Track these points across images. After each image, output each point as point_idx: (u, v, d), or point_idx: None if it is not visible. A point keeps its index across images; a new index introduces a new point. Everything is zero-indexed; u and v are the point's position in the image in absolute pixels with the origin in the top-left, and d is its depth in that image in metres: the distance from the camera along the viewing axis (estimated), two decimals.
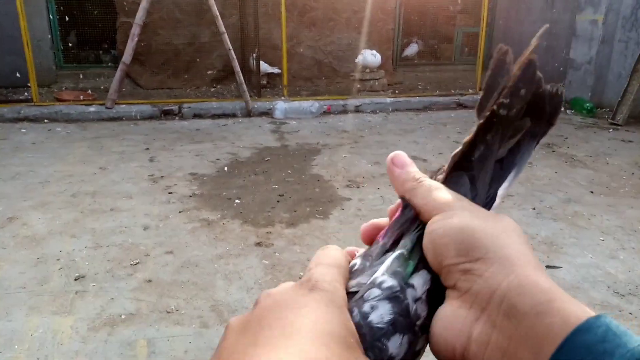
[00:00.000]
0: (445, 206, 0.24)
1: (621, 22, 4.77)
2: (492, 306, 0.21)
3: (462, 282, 0.23)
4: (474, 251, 0.23)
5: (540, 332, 0.19)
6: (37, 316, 1.59)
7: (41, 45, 4.93)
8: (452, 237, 0.23)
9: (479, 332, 0.21)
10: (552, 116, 0.26)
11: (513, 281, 0.21)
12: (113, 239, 2.12)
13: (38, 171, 2.98)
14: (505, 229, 0.23)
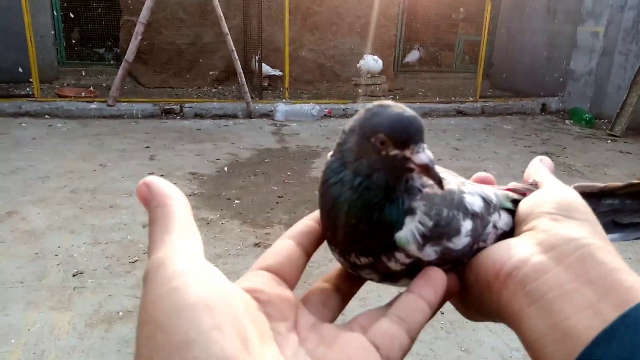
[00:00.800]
0: (565, 186, 0.26)
1: (622, 35, 4.83)
2: (567, 247, 0.21)
3: (544, 223, 0.22)
4: (574, 212, 0.23)
5: (611, 282, 0.19)
6: (35, 311, 1.59)
7: (44, 41, 4.93)
8: (561, 197, 0.24)
9: (539, 261, 0.21)
10: None
11: (597, 243, 0.21)
12: (112, 236, 2.12)
13: (38, 166, 2.98)
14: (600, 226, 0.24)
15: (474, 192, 0.25)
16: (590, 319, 0.19)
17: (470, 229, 0.24)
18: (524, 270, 0.21)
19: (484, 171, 0.32)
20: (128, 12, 5.29)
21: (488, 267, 0.23)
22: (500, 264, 0.22)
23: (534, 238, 0.23)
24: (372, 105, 0.23)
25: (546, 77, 5.53)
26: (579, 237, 0.21)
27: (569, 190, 0.25)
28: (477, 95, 5.43)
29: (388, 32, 5.98)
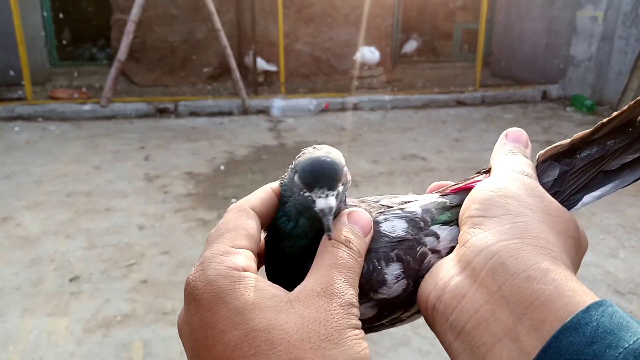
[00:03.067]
0: (505, 170, 0.24)
1: (621, 19, 4.74)
2: (479, 260, 0.20)
3: (465, 234, 0.22)
4: (494, 209, 0.22)
5: (526, 297, 0.18)
6: (32, 317, 1.57)
7: (35, 42, 4.86)
8: (485, 193, 0.23)
9: (456, 284, 0.20)
10: (630, 179, 0.25)
11: (513, 245, 0.20)
12: (108, 239, 2.10)
13: (32, 170, 2.95)
14: (550, 213, 0.22)
15: (395, 215, 0.25)
16: (510, 349, 0.18)
17: (401, 272, 0.23)
18: (444, 298, 0.21)
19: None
20: (119, 11, 5.21)
21: (420, 300, 0.22)
22: (426, 296, 0.22)
23: (456, 255, 0.22)
24: (310, 147, 0.26)
25: (546, 64, 5.46)
26: (491, 243, 0.20)
27: (498, 181, 0.23)
28: (476, 84, 5.36)
29: (384, 22, 5.89)
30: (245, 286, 0.21)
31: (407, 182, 2.85)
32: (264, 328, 0.20)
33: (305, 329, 0.20)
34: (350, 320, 0.21)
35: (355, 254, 0.23)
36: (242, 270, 0.22)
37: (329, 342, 0.20)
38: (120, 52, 4.28)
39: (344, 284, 0.22)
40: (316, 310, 0.20)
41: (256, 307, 0.20)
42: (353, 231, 0.24)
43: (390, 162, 3.22)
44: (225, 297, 0.21)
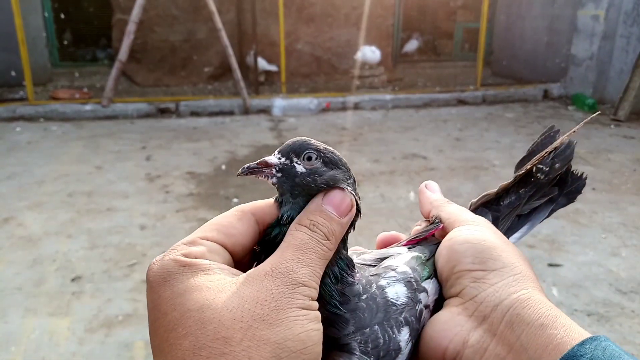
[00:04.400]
0: (469, 221, 0.26)
1: (622, 17, 4.72)
2: (496, 315, 0.22)
3: (470, 289, 0.23)
4: (491, 262, 0.24)
5: (541, 342, 0.20)
6: (34, 317, 1.57)
7: (36, 43, 4.87)
8: (473, 245, 0.24)
9: (477, 339, 0.22)
10: (574, 194, 0.31)
11: (523, 295, 0.22)
12: (109, 239, 2.10)
13: (33, 171, 2.95)
14: (516, 252, 0.25)
15: (393, 278, 0.25)
16: None
17: (409, 335, 0.24)
18: (465, 353, 0.22)
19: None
20: (120, 11, 5.21)
21: (434, 356, 0.23)
22: (442, 351, 0.22)
23: (464, 309, 0.23)
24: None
25: (547, 63, 5.44)
26: (504, 297, 0.22)
27: (476, 231, 0.25)
28: (477, 83, 5.35)
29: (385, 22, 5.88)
30: (194, 270, 0.21)
31: (408, 181, 2.85)
32: (198, 308, 0.19)
33: (239, 308, 0.19)
34: (294, 300, 0.20)
35: (318, 237, 0.22)
36: (195, 258, 0.22)
37: (263, 322, 0.19)
38: (121, 52, 4.28)
39: (295, 263, 0.21)
40: (257, 290, 0.20)
41: (196, 289, 0.20)
42: (325, 213, 0.23)
43: (391, 161, 3.22)
44: (171, 280, 0.21)
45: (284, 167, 0.24)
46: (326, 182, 0.24)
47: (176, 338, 0.19)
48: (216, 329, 0.19)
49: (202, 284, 0.20)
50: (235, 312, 0.19)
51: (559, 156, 0.30)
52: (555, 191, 0.30)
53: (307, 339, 0.19)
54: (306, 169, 0.24)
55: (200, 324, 0.19)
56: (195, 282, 0.20)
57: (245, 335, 0.19)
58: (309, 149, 0.25)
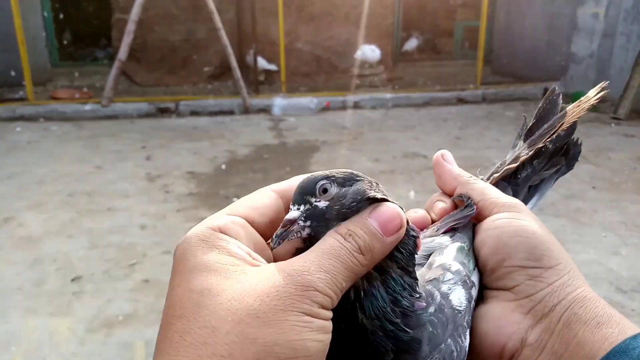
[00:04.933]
0: (511, 207, 0.25)
1: (623, 15, 4.71)
2: (555, 314, 0.22)
3: (526, 287, 0.23)
4: (546, 259, 0.23)
5: (598, 340, 0.21)
6: (34, 317, 1.58)
7: (36, 43, 4.86)
8: (525, 240, 0.23)
9: (535, 338, 0.22)
10: (573, 161, 0.32)
11: (580, 294, 0.22)
12: (110, 239, 2.10)
13: (34, 171, 2.95)
14: (559, 245, 0.25)
15: (452, 280, 0.24)
16: None
17: (468, 335, 0.24)
18: (524, 351, 0.22)
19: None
20: (119, 11, 5.20)
21: (488, 353, 0.22)
22: (499, 348, 0.22)
23: (519, 306, 0.23)
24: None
25: (547, 61, 5.43)
26: (562, 297, 0.22)
27: (524, 221, 0.25)
28: (477, 82, 5.34)
29: (385, 20, 5.87)
30: (210, 246, 0.20)
31: (408, 180, 2.84)
32: (200, 290, 0.19)
33: (238, 299, 0.18)
34: (299, 303, 0.18)
35: (351, 247, 0.21)
36: (218, 231, 0.21)
37: (257, 319, 0.18)
38: (121, 51, 4.28)
39: (313, 266, 0.19)
40: (263, 284, 0.19)
41: (205, 269, 0.19)
42: (367, 226, 0.21)
43: (391, 160, 3.21)
44: (187, 254, 0.20)
45: (308, 213, 0.23)
46: (354, 199, 0.22)
47: (172, 316, 0.19)
48: (208, 317, 0.18)
49: (213, 264, 0.19)
50: (232, 303, 0.18)
51: (569, 129, 0.31)
52: (563, 161, 0.32)
53: (300, 349, 0.18)
54: (328, 201, 0.23)
55: (195, 308, 0.18)
56: (206, 260, 0.19)
57: (233, 329, 0.18)
58: (318, 182, 0.23)
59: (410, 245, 0.23)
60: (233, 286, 0.19)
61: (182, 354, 0.18)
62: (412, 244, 0.23)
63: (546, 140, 0.30)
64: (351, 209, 0.22)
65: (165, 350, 0.18)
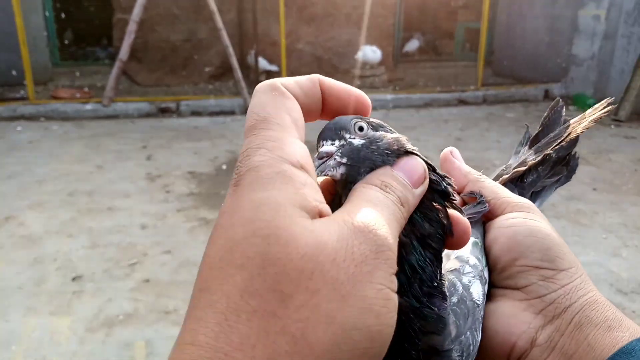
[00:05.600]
0: (524, 207, 0.25)
1: (624, 17, 4.71)
2: (566, 316, 0.22)
3: (538, 287, 0.23)
4: (559, 261, 0.23)
5: (608, 343, 0.21)
6: (34, 317, 1.57)
7: (37, 42, 4.87)
8: (539, 240, 0.23)
9: (545, 339, 0.22)
10: (571, 173, 0.34)
11: (591, 298, 0.23)
12: (110, 239, 2.10)
13: (34, 170, 2.95)
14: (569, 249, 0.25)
15: (471, 274, 0.24)
16: None
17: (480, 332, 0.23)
18: (533, 351, 0.22)
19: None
20: (121, 11, 5.21)
21: (496, 351, 0.22)
22: (508, 347, 0.22)
23: (530, 306, 0.23)
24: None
25: (548, 63, 5.43)
26: (574, 300, 0.22)
27: (538, 222, 0.25)
28: (478, 83, 5.34)
29: (386, 21, 5.88)
30: (288, 181, 0.16)
31: None
32: (267, 235, 0.15)
33: (312, 260, 0.14)
34: (377, 271, 0.15)
35: (393, 199, 0.18)
36: (300, 168, 0.17)
37: (334, 291, 0.14)
38: (122, 51, 4.28)
39: (378, 218, 0.16)
40: (336, 241, 0.15)
41: (276, 207, 0.15)
42: (397, 179, 0.19)
43: None
44: (254, 182, 0.16)
45: (344, 149, 0.20)
46: (389, 145, 0.20)
47: (230, 263, 0.15)
48: (277, 277, 0.14)
49: (283, 202, 0.15)
50: (307, 263, 0.14)
51: (572, 142, 0.33)
52: (564, 171, 0.33)
53: (377, 337, 0.14)
54: (364, 139, 0.21)
55: (261, 260, 0.14)
56: (276, 197, 0.15)
57: (309, 301, 0.14)
58: (354, 120, 0.21)
59: (435, 212, 0.20)
60: (303, 235, 0.15)
61: (245, 321, 0.14)
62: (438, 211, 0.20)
63: (554, 147, 0.31)
64: (383, 156, 0.20)
65: (218, 309, 0.14)
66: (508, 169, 0.32)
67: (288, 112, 0.18)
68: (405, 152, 0.20)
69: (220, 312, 0.14)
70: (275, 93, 0.19)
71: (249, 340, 0.14)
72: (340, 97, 0.21)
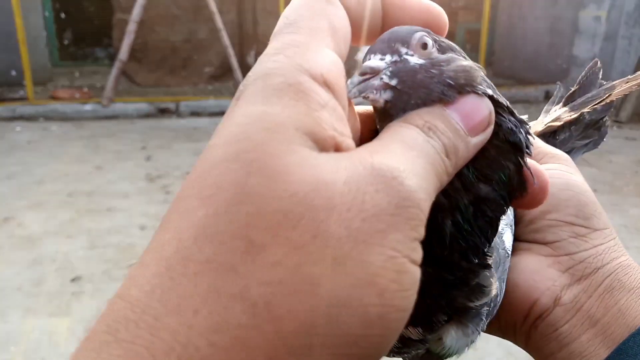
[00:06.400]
0: (561, 159, 0.24)
1: (624, 19, 4.72)
2: (596, 277, 0.21)
3: (568, 244, 0.21)
4: (595, 220, 0.22)
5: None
6: (33, 318, 1.57)
7: (36, 42, 4.87)
8: (576, 195, 0.22)
9: (570, 298, 0.20)
10: (600, 140, 0.33)
11: (624, 262, 0.21)
12: (109, 239, 2.09)
13: (33, 170, 2.95)
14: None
15: (504, 221, 0.21)
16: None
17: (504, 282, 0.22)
18: (556, 309, 0.20)
19: None
20: (120, 11, 5.21)
21: (516, 306, 0.21)
22: (529, 303, 0.21)
23: (557, 263, 0.21)
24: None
25: (549, 64, 5.44)
26: (607, 262, 0.21)
27: (574, 176, 0.23)
28: None
29: None
30: (301, 97, 0.12)
31: None
32: (250, 160, 0.11)
33: (304, 202, 0.11)
34: (396, 236, 0.11)
35: (436, 144, 0.14)
36: (323, 84, 0.13)
37: (327, 249, 0.10)
38: (121, 52, 4.28)
39: (408, 163, 0.12)
40: (343, 184, 0.11)
41: (276, 137, 0.11)
42: (448, 120, 0.14)
43: None
44: (259, 98, 0.13)
45: (396, 68, 0.16)
46: (455, 75, 0.15)
47: (197, 192, 0.12)
48: (250, 219, 0.11)
49: (292, 120, 0.12)
50: (295, 205, 0.11)
51: (605, 106, 0.32)
52: (595, 135, 0.32)
53: (377, 322, 0.11)
54: (425, 60, 0.16)
55: (235, 193, 0.11)
56: (303, 114, 0.12)
57: (286, 260, 0.10)
58: (420, 32, 0.16)
59: (502, 167, 0.15)
60: (299, 168, 0.11)
61: (192, 275, 0.10)
62: (513, 165, 0.15)
63: (593, 106, 0.29)
64: (444, 87, 0.15)
65: (164, 254, 0.11)
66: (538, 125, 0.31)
67: (326, 17, 0.14)
68: (471, 91, 0.15)
69: (165, 258, 0.11)
70: None
71: (190, 302, 0.10)
72: (405, 8, 0.17)
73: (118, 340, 0.11)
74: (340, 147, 0.13)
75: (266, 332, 0.10)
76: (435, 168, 0.13)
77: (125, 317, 0.11)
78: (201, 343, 0.10)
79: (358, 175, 0.11)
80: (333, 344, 0.10)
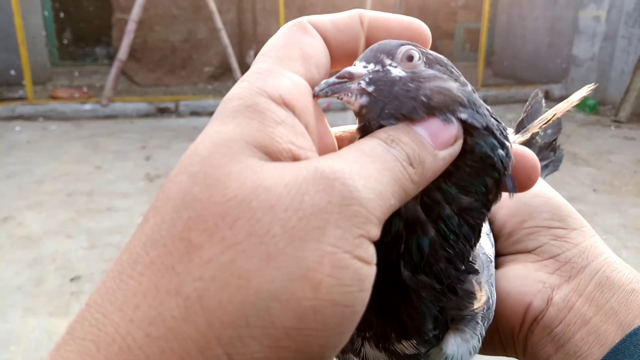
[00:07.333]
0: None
1: (624, 18, 4.72)
2: (584, 276, 0.21)
3: (550, 247, 0.22)
4: (571, 220, 0.22)
5: (634, 307, 0.19)
6: (33, 317, 1.57)
7: (36, 42, 4.86)
8: (547, 200, 0.23)
9: (562, 298, 0.21)
10: (558, 163, 0.33)
11: (609, 258, 0.21)
12: (109, 239, 2.09)
13: (33, 170, 2.95)
14: None
15: (483, 231, 0.21)
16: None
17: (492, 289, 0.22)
18: (549, 310, 0.20)
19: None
20: (120, 10, 5.21)
21: (511, 313, 0.21)
22: (524, 307, 0.21)
23: (543, 267, 0.22)
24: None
25: (548, 64, 5.44)
26: (591, 259, 0.21)
27: (542, 184, 0.24)
28: (478, 84, 5.35)
29: None
30: (255, 116, 0.13)
31: None
32: (194, 172, 0.13)
33: (241, 204, 0.11)
34: (336, 231, 0.11)
35: (397, 153, 0.14)
36: (281, 104, 0.14)
37: (261, 245, 0.11)
38: (121, 51, 4.28)
39: (356, 167, 0.13)
40: (284, 184, 0.12)
41: (222, 150, 0.13)
42: (414, 135, 0.15)
43: None
44: (219, 120, 0.14)
45: (375, 76, 0.16)
46: (431, 93, 0.16)
47: (154, 206, 0.13)
48: (190, 223, 0.12)
49: (243, 136, 0.13)
50: (232, 208, 0.11)
51: (551, 126, 0.32)
52: (552, 156, 0.33)
53: (311, 316, 0.11)
54: (407, 72, 0.16)
55: (180, 202, 0.12)
56: (250, 132, 0.13)
57: (220, 257, 0.11)
58: (406, 45, 0.17)
59: (481, 179, 0.16)
60: (240, 176, 0.12)
61: (137, 275, 0.12)
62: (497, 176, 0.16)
63: (541, 125, 0.28)
64: (416, 103, 0.16)
65: (120, 261, 0.13)
66: None
67: (299, 46, 0.15)
68: (438, 116, 0.16)
69: (119, 263, 0.13)
70: (294, 29, 0.16)
71: (133, 299, 0.11)
72: (389, 28, 0.18)
73: (74, 338, 0.13)
74: (298, 159, 0.13)
75: (198, 324, 0.11)
76: (394, 174, 0.14)
77: (82, 317, 0.13)
78: (138, 334, 0.11)
79: (301, 179, 0.12)
80: (264, 335, 0.11)
